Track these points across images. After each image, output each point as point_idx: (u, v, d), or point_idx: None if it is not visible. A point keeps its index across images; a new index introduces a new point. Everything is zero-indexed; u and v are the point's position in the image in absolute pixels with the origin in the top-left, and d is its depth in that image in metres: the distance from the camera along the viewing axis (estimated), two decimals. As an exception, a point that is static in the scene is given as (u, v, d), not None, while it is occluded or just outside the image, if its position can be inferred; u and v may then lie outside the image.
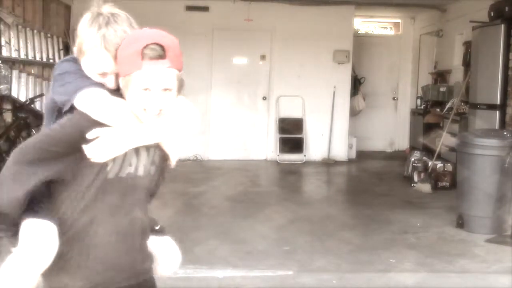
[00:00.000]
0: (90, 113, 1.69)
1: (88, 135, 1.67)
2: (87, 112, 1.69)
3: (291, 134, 9.51)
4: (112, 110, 1.71)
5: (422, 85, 9.94)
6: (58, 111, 1.80)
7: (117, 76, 1.78)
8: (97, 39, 1.74)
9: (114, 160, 1.74)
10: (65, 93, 1.74)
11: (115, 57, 1.74)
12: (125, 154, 1.76)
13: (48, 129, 1.75)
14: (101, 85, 1.77)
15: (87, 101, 1.70)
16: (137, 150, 1.78)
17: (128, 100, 1.74)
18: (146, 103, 1.70)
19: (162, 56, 1.68)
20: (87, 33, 1.77)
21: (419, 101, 10.04)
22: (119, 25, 1.77)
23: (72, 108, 1.71)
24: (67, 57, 1.92)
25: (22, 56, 6.95)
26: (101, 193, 1.76)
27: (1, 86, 6.12)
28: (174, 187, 6.55)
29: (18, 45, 6.80)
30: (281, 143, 9.47)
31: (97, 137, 1.68)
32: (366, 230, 5.35)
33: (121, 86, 1.75)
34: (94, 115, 1.69)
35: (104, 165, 1.73)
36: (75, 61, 1.82)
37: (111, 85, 1.79)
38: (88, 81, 1.75)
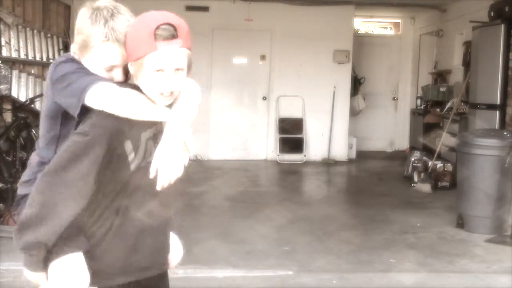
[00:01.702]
0: (106, 108, 1.65)
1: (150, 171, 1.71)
2: (102, 108, 1.66)
3: (291, 134, 9.51)
4: (128, 101, 1.68)
5: (422, 85, 9.94)
6: (64, 115, 1.76)
7: (124, 68, 1.77)
8: (106, 33, 1.73)
9: (136, 152, 1.74)
10: (71, 95, 1.69)
11: (124, 46, 1.73)
12: (146, 145, 1.76)
13: (73, 144, 1.68)
14: (107, 80, 1.74)
15: (100, 97, 1.66)
16: (155, 139, 1.78)
17: (141, 84, 1.73)
18: (160, 84, 1.70)
19: (175, 35, 1.68)
20: (93, 28, 1.74)
21: (419, 101, 10.05)
22: (124, 15, 1.77)
23: (84, 110, 1.67)
24: (61, 58, 1.85)
25: (22, 56, 6.94)
26: (126, 187, 1.77)
27: (1, 86, 6.12)
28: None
29: (18, 45, 6.80)
30: (281, 143, 9.47)
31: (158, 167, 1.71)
32: (366, 230, 5.35)
33: (132, 71, 1.74)
34: (111, 109, 1.65)
35: (126, 160, 1.74)
36: (72, 60, 1.79)
37: (119, 78, 1.78)
38: (93, 77, 1.71)
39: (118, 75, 1.78)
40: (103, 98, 1.66)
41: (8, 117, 6.45)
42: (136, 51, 1.70)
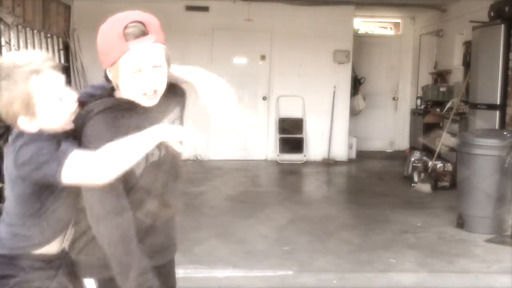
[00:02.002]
0: (100, 177, 1.61)
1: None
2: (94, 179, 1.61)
3: (291, 134, 9.51)
4: (117, 155, 1.62)
5: (422, 85, 9.94)
6: (41, 189, 1.71)
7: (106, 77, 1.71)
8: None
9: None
10: (46, 167, 1.62)
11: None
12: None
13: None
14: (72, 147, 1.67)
15: (84, 170, 1.60)
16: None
17: (122, 88, 1.67)
18: (141, 85, 1.64)
19: (145, 32, 1.62)
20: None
21: (419, 101, 10.04)
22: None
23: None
24: (19, 140, 1.71)
25: (22, 56, 6.94)
26: (131, 190, 1.76)
27: (1, 86, 6.11)
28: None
29: (18, 45, 6.80)
30: (281, 143, 9.47)
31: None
32: (366, 230, 5.35)
33: (110, 78, 1.68)
34: (106, 175, 1.61)
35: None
36: (32, 138, 1.69)
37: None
38: (58, 150, 1.64)
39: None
40: (88, 170, 1.61)
41: (8, 117, 6.45)
42: (109, 56, 1.63)
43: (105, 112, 1.68)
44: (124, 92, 1.69)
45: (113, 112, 1.70)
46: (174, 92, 1.87)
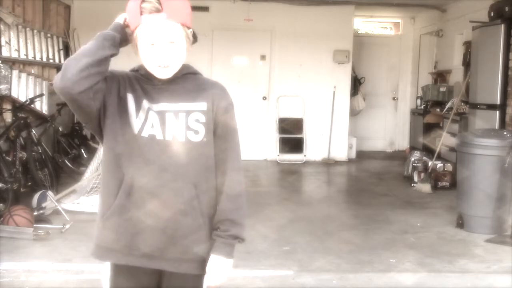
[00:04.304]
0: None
1: None
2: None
3: (291, 134, 9.51)
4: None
5: (422, 85, 9.94)
6: None
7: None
8: None
9: (137, 116, 1.77)
10: None
11: None
12: (147, 114, 1.77)
13: None
14: None
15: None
16: (161, 114, 1.78)
17: (141, 57, 1.79)
18: (153, 57, 1.75)
19: (159, 9, 1.72)
20: None
21: (419, 101, 10.04)
22: None
23: None
24: None
25: (22, 56, 6.94)
26: (132, 151, 1.77)
27: (1, 86, 6.12)
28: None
29: (18, 45, 6.80)
30: (281, 143, 9.47)
31: None
32: (366, 230, 5.35)
33: (133, 44, 1.80)
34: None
35: (127, 119, 1.77)
36: None
37: None
38: None
39: None
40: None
41: (8, 117, 6.46)
42: (130, 23, 1.77)
43: (128, 71, 1.85)
44: (142, 60, 1.80)
45: (134, 74, 1.84)
46: (203, 87, 1.86)
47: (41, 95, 7.04)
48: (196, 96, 1.82)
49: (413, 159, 7.76)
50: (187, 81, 1.84)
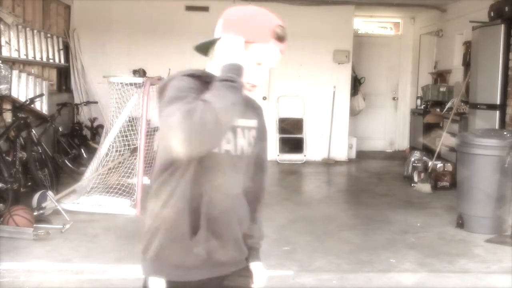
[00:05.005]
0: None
1: None
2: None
3: (291, 134, 9.51)
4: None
5: (422, 85, 9.94)
6: None
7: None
8: None
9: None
10: None
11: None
12: (235, 134, 1.78)
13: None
14: None
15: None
16: (233, 128, 1.76)
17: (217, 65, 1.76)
18: (254, 76, 1.77)
19: (285, 40, 1.81)
20: None
21: (419, 101, 10.04)
22: None
23: None
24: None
25: (22, 56, 6.95)
26: (202, 166, 1.68)
27: (1, 86, 6.12)
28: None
29: (18, 45, 6.80)
30: (281, 143, 9.47)
31: None
32: (366, 230, 5.35)
33: (219, 47, 1.85)
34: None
35: None
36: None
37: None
38: None
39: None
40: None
41: (8, 117, 6.46)
42: (248, 33, 1.75)
43: (190, 75, 1.78)
44: (215, 67, 1.79)
45: (198, 79, 1.78)
46: (253, 104, 1.94)
47: (41, 95, 7.04)
48: (251, 113, 1.90)
49: (413, 159, 7.76)
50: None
